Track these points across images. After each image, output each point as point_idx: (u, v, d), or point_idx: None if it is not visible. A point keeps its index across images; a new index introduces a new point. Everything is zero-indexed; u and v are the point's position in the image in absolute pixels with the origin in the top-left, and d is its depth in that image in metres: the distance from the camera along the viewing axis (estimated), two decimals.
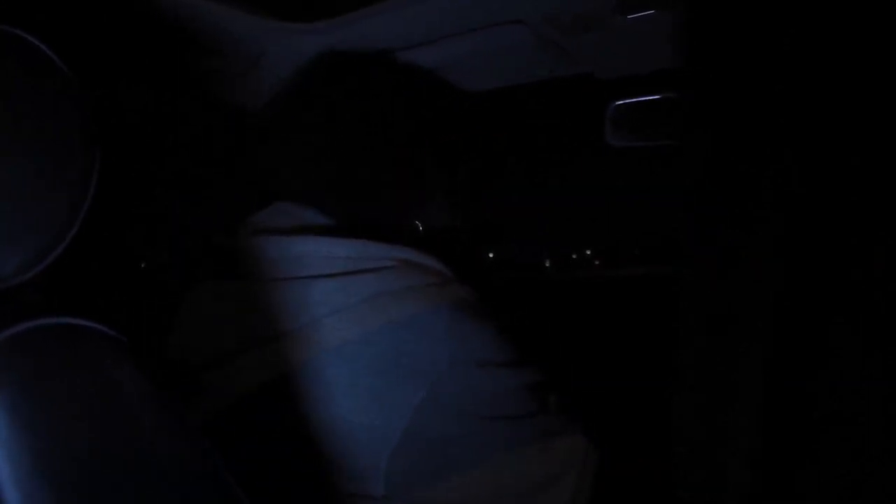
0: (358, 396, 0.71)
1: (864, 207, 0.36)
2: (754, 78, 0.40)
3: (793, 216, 0.38)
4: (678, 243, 0.44)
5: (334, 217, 0.84)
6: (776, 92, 0.39)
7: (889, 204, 0.36)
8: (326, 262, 0.75)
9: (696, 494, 0.41)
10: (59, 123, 0.56)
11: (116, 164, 0.65)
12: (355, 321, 0.72)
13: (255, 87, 1.08)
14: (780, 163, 0.38)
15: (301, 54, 0.97)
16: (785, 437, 0.37)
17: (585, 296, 1.53)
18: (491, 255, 1.73)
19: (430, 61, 1.02)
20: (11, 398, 0.52)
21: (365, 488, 0.72)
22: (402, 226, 0.91)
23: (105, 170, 0.57)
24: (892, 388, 0.35)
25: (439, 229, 0.94)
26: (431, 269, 0.79)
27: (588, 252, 1.67)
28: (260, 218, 0.85)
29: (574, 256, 1.71)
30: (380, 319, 0.72)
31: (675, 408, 0.43)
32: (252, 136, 1.18)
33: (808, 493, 0.36)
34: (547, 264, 1.74)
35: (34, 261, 0.55)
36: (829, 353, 0.36)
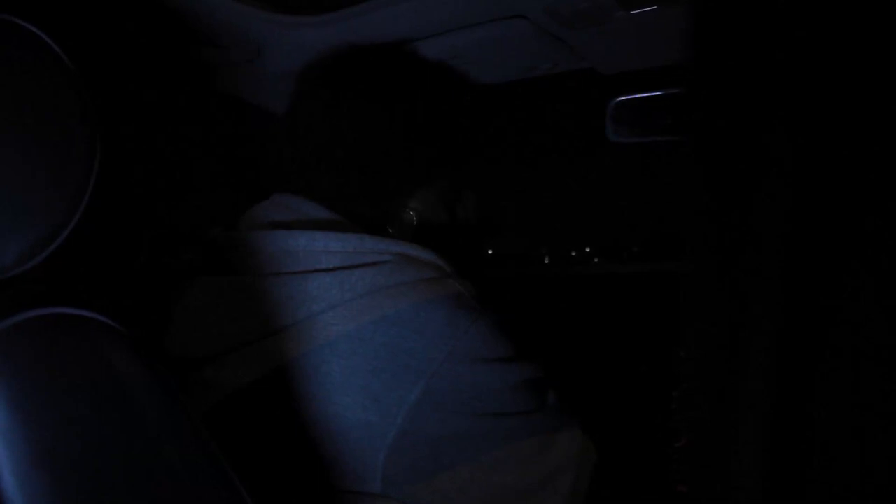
0: (354, 393, 0.70)
1: (865, 206, 0.37)
2: (758, 75, 0.40)
3: (795, 216, 0.38)
4: (679, 240, 0.44)
5: (333, 210, 0.84)
6: (779, 89, 0.39)
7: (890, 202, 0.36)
8: (323, 257, 0.75)
9: (699, 489, 0.41)
10: (60, 115, 0.56)
11: (117, 158, 0.65)
12: (351, 317, 0.72)
13: (257, 80, 1.08)
14: (780, 165, 0.38)
15: (302, 48, 0.97)
16: (791, 432, 0.37)
17: (585, 292, 1.53)
18: (490, 252, 1.73)
19: (430, 56, 1.02)
20: (11, 387, 0.52)
21: (362, 485, 0.71)
22: (400, 219, 0.90)
23: (105, 163, 0.57)
24: None
25: (438, 225, 0.93)
26: (429, 264, 0.79)
27: (587, 249, 1.67)
28: (257, 211, 0.85)
29: (573, 253, 1.70)
30: (375, 314, 0.71)
31: (679, 402, 0.43)
32: (252, 130, 1.18)
33: (814, 488, 0.36)
34: (546, 261, 1.74)
35: (34, 252, 0.55)
36: (834, 351, 0.36)
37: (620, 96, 1.14)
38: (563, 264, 1.66)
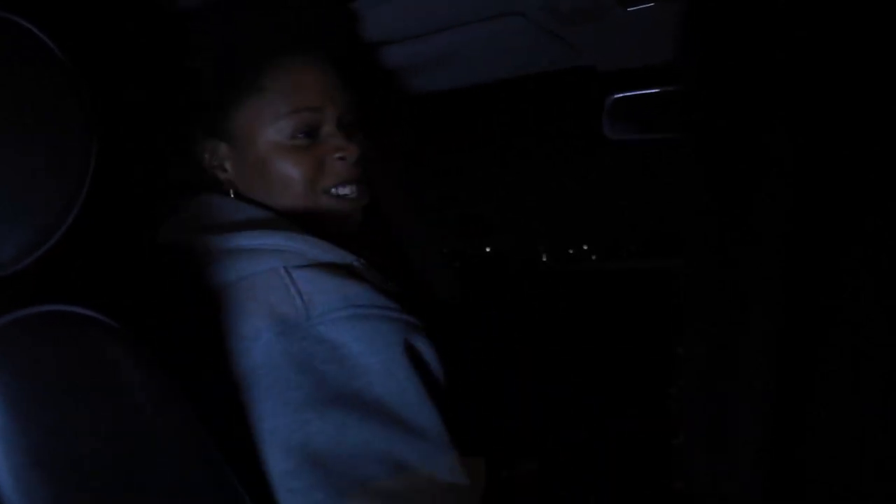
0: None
1: (865, 206, 0.37)
2: (758, 75, 0.40)
3: (795, 216, 0.38)
4: (678, 236, 0.44)
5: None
6: (779, 89, 0.39)
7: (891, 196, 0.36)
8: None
9: (698, 488, 0.41)
10: (57, 113, 0.56)
11: (116, 158, 0.65)
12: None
13: None
14: (780, 165, 0.38)
15: None
16: (791, 432, 0.37)
17: (582, 290, 1.53)
18: (488, 249, 1.73)
19: (428, 53, 1.01)
20: (7, 385, 0.52)
21: None
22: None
23: (104, 162, 0.57)
24: None
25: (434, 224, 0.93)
26: (270, 252, 0.74)
27: (585, 247, 1.67)
28: (192, 211, 0.83)
29: (571, 251, 1.70)
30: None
31: (677, 401, 0.43)
32: None
33: (814, 488, 0.36)
34: (544, 258, 1.74)
35: (31, 249, 0.54)
36: (834, 351, 0.36)
37: (619, 93, 1.14)
38: (561, 262, 1.66)
